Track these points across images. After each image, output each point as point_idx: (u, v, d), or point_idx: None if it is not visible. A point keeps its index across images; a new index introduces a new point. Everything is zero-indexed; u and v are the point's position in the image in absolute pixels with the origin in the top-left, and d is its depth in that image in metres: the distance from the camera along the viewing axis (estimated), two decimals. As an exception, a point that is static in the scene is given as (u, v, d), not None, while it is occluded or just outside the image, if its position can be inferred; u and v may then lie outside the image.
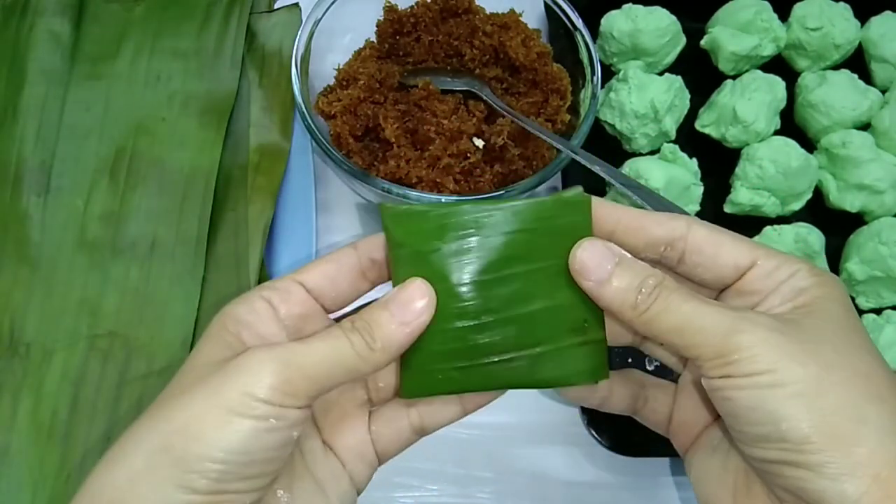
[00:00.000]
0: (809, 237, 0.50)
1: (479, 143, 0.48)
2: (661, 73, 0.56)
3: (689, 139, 0.55)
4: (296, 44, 0.49)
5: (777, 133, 0.54)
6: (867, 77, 0.57)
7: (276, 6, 0.56)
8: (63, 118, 0.51)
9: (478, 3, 0.53)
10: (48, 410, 0.43)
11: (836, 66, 0.57)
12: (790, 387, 0.24)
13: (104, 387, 0.44)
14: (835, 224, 0.53)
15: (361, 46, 0.53)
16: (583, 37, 0.51)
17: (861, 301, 0.51)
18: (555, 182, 0.53)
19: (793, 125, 0.57)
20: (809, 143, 0.55)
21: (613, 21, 0.56)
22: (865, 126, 0.55)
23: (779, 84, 0.54)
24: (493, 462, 0.48)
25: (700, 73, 0.57)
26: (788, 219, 0.53)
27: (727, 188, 0.54)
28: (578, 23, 0.51)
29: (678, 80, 0.54)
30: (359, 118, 0.48)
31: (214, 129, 0.51)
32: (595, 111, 0.49)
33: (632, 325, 0.27)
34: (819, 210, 0.54)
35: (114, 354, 0.45)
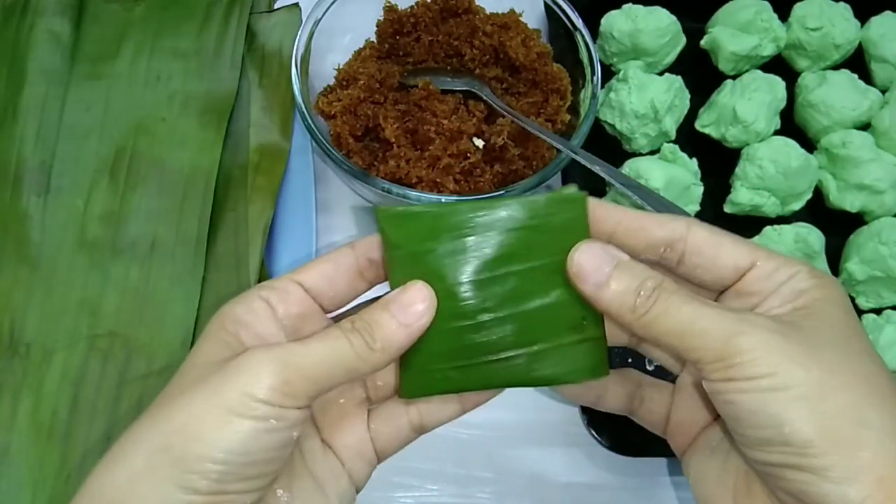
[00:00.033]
0: (809, 237, 0.50)
1: (479, 143, 0.48)
2: (661, 73, 0.56)
3: (689, 139, 0.55)
4: (296, 44, 0.49)
5: (777, 133, 0.54)
6: (867, 77, 0.57)
7: (276, 6, 0.56)
8: (63, 118, 0.51)
9: (478, 3, 0.53)
10: (48, 410, 0.43)
11: (836, 66, 0.57)
12: (792, 390, 0.24)
13: (104, 387, 0.44)
14: (835, 224, 0.53)
15: (361, 46, 0.53)
16: (583, 37, 0.51)
17: (861, 301, 0.51)
18: (555, 182, 0.53)
19: (793, 125, 0.57)
20: (809, 143, 0.55)
21: (613, 21, 0.56)
22: (865, 126, 0.55)
23: (779, 84, 0.54)
24: (493, 462, 0.48)
25: (700, 73, 0.57)
26: (788, 219, 0.53)
27: (727, 188, 0.54)
28: (578, 23, 0.51)
29: (678, 80, 0.54)
30: (359, 118, 0.48)
31: (214, 129, 0.51)
32: (595, 111, 0.49)
33: (631, 328, 0.27)
34: (819, 210, 0.54)
35: (114, 354, 0.45)
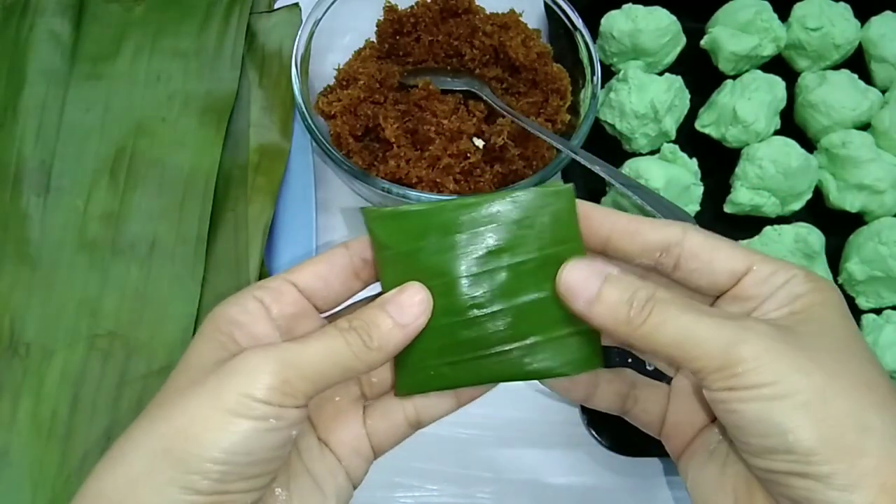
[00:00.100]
0: (809, 237, 0.50)
1: (479, 143, 0.48)
2: (661, 73, 0.56)
3: (689, 139, 0.55)
4: (296, 44, 0.49)
5: (777, 133, 0.54)
6: (867, 77, 0.57)
7: (276, 6, 0.56)
8: (63, 118, 0.51)
9: (478, 3, 0.53)
10: (48, 410, 0.43)
11: (836, 66, 0.57)
12: (795, 398, 0.24)
13: (104, 387, 0.44)
14: (835, 224, 0.53)
15: (361, 46, 0.53)
16: (583, 37, 0.51)
17: (861, 301, 0.51)
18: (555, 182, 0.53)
19: (793, 125, 0.57)
20: (809, 143, 0.55)
21: (613, 21, 0.56)
22: (865, 126, 0.55)
23: (779, 84, 0.54)
24: (493, 462, 0.48)
25: (700, 73, 0.57)
26: (788, 219, 0.53)
27: (727, 188, 0.54)
28: (578, 23, 0.51)
29: (678, 80, 0.54)
30: (359, 118, 0.48)
31: (214, 129, 0.51)
32: (595, 111, 0.49)
33: (629, 342, 0.27)
34: (819, 210, 0.54)
35: (114, 354, 0.45)
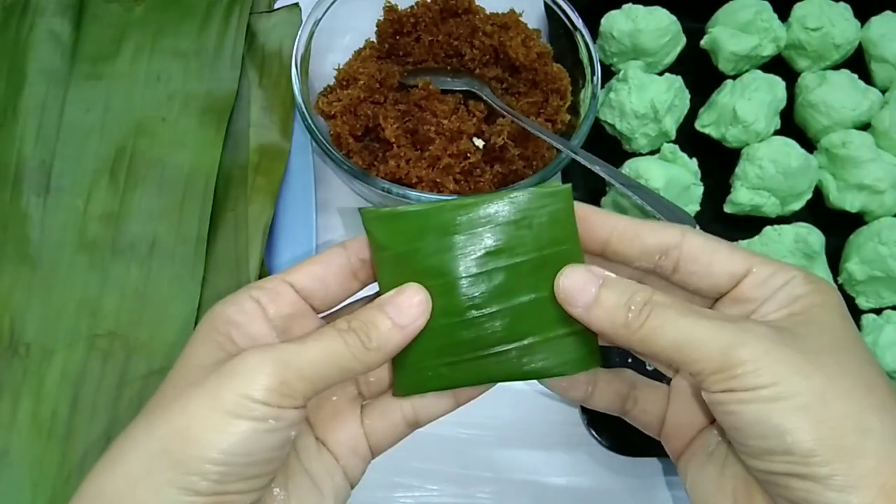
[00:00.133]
0: (809, 237, 0.50)
1: (479, 143, 0.48)
2: (661, 73, 0.56)
3: (689, 139, 0.55)
4: (296, 44, 0.49)
5: (777, 133, 0.54)
6: (867, 77, 0.57)
7: (276, 6, 0.56)
8: (63, 118, 0.51)
9: (478, 3, 0.53)
10: (48, 410, 0.43)
11: (836, 66, 0.57)
12: (794, 399, 0.24)
13: (104, 387, 0.44)
14: (835, 224, 0.53)
15: (361, 46, 0.53)
16: (583, 37, 0.51)
17: (861, 301, 0.51)
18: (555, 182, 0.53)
19: (793, 125, 0.57)
20: (809, 143, 0.55)
21: (613, 21, 0.56)
22: (865, 126, 0.55)
23: (779, 84, 0.54)
24: (493, 462, 0.48)
25: (700, 73, 0.57)
26: (788, 219, 0.53)
27: (727, 188, 0.54)
28: (578, 23, 0.51)
29: (678, 80, 0.54)
30: (359, 118, 0.48)
31: (214, 129, 0.51)
32: (595, 111, 0.49)
33: (629, 345, 0.27)
34: (819, 210, 0.54)
35: (114, 354, 0.45)
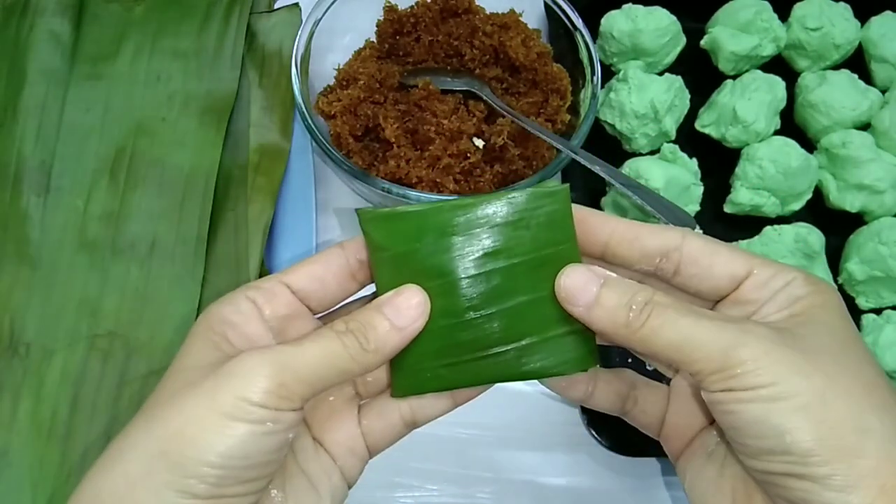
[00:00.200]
0: (809, 237, 0.50)
1: (479, 143, 0.48)
2: (661, 73, 0.56)
3: (689, 139, 0.55)
4: (296, 44, 0.49)
5: (777, 133, 0.54)
6: (867, 77, 0.57)
7: (276, 6, 0.56)
8: (63, 118, 0.50)
9: (478, 3, 0.53)
10: (48, 410, 0.43)
11: (836, 66, 0.57)
12: (794, 399, 0.24)
13: (104, 387, 0.44)
14: (835, 224, 0.53)
15: (361, 46, 0.53)
16: (583, 37, 0.51)
17: (861, 301, 0.51)
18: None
19: (793, 125, 0.57)
20: (809, 143, 0.55)
21: (613, 21, 0.56)
22: (865, 126, 0.55)
23: (779, 84, 0.54)
24: (493, 462, 0.48)
25: (700, 73, 0.57)
26: (788, 219, 0.53)
27: (727, 188, 0.54)
28: (578, 23, 0.51)
29: (678, 80, 0.54)
30: (359, 118, 0.48)
31: (214, 129, 0.51)
32: (595, 111, 0.49)
33: (629, 345, 0.27)
34: (819, 210, 0.54)
35: (114, 354, 0.45)
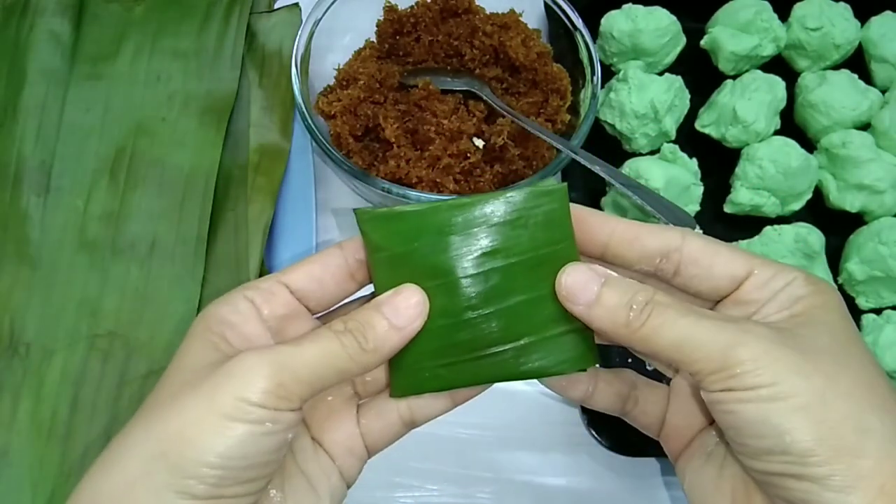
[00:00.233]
0: (809, 237, 0.50)
1: (479, 143, 0.48)
2: (661, 73, 0.56)
3: (689, 139, 0.55)
4: (296, 44, 0.49)
5: (777, 133, 0.54)
6: (867, 77, 0.57)
7: (276, 6, 0.56)
8: (63, 118, 0.51)
9: (478, 3, 0.53)
10: (48, 410, 0.43)
11: (836, 66, 0.57)
12: (793, 399, 0.24)
13: (104, 387, 0.44)
14: (835, 224, 0.53)
15: (361, 46, 0.53)
16: (583, 37, 0.51)
17: (861, 301, 0.51)
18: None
19: (793, 125, 0.57)
20: (809, 143, 0.55)
21: (613, 21, 0.56)
22: (865, 126, 0.55)
23: (779, 84, 0.54)
24: (493, 462, 0.48)
25: (700, 73, 0.57)
26: (788, 219, 0.53)
27: (727, 188, 0.54)
28: (578, 23, 0.51)
29: (678, 80, 0.54)
30: (359, 118, 0.48)
31: (214, 129, 0.51)
32: (595, 111, 0.49)
33: (629, 344, 0.27)
34: (819, 210, 0.54)
35: (114, 354, 0.45)
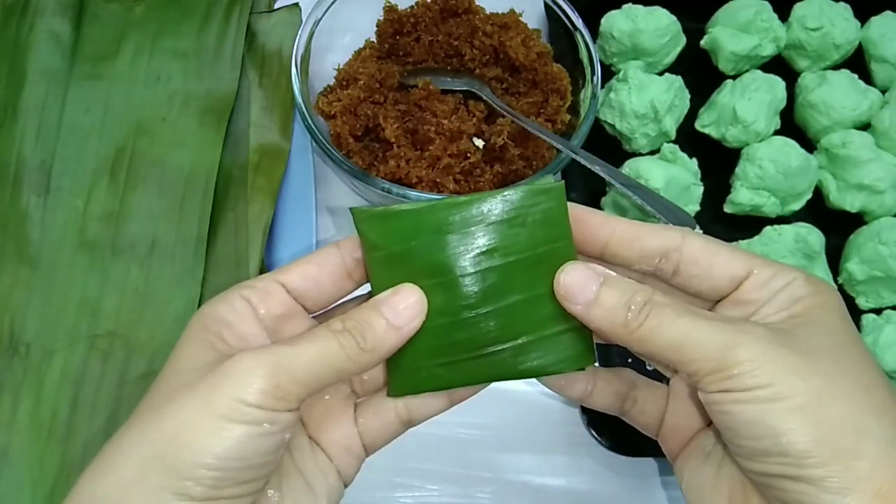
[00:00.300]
0: (809, 237, 0.50)
1: (479, 143, 0.48)
2: (661, 73, 0.56)
3: (689, 139, 0.55)
4: (296, 44, 0.49)
5: (777, 133, 0.54)
6: (867, 77, 0.57)
7: (276, 6, 0.56)
8: (63, 118, 0.51)
9: (478, 3, 0.53)
10: (48, 410, 0.43)
11: (836, 66, 0.57)
12: (790, 400, 0.24)
13: (104, 387, 0.44)
14: (835, 224, 0.53)
15: (361, 46, 0.53)
16: (583, 37, 0.51)
17: (861, 301, 0.51)
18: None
19: (793, 125, 0.57)
20: (809, 143, 0.55)
21: (613, 21, 0.56)
22: (865, 126, 0.55)
23: (779, 84, 0.54)
24: (493, 462, 0.48)
25: (700, 73, 0.57)
26: (788, 219, 0.53)
27: (727, 188, 0.54)
28: (578, 23, 0.51)
29: (678, 80, 0.54)
30: (359, 118, 0.48)
31: (214, 129, 0.51)
32: (595, 111, 0.49)
33: (627, 344, 0.26)
34: (819, 210, 0.54)
35: (114, 354, 0.45)
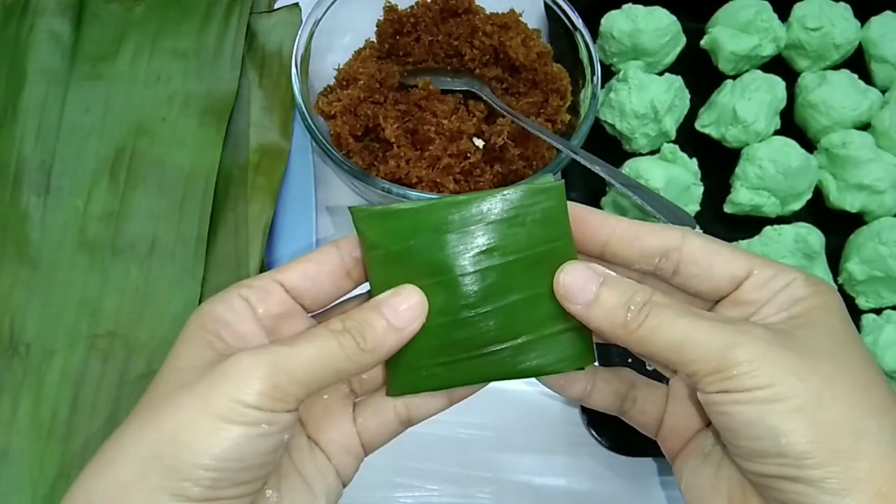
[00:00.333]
0: (809, 237, 0.50)
1: (479, 143, 0.48)
2: (661, 73, 0.56)
3: (689, 139, 0.55)
4: (296, 44, 0.49)
5: (777, 133, 0.54)
6: (867, 77, 0.57)
7: (276, 6, 0.56)
8: (63, 118, 0.51)
9: (478, 3, 0.53)
10: (48, 410, 0.43)
11: (836, 66, 0.57)
12: (790, 401, 0.24)
13: (104, 387, 0.44)
14: (835, 224, 0.53)
15: (361, 46, 0.53)
16: (583, 37, 0.51)
17: (861, 301, 0.51)
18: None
19: (793, 125, 0.57)
20: (809, 143, 0.55)
21: (613, 21, 0.56)
22: (865, 126, 0.55)
23: (779, 84, 0.54)
24: (493, 462, 0.48)
25: (700, 73, 0.57)
26: (788, 219, 0.53)
27: (727, 188, 0.54)
28: (578, 23, 0.51)
29: (678, 80, 0.54)
30: (359, 118, 0.48)
31: (214, 129, 0.51)
32: (595, 111, 0.49)
33: (626, 344, 0.26)
34: (819, 210, 0.54)
35: (114, 354, 0.45)
